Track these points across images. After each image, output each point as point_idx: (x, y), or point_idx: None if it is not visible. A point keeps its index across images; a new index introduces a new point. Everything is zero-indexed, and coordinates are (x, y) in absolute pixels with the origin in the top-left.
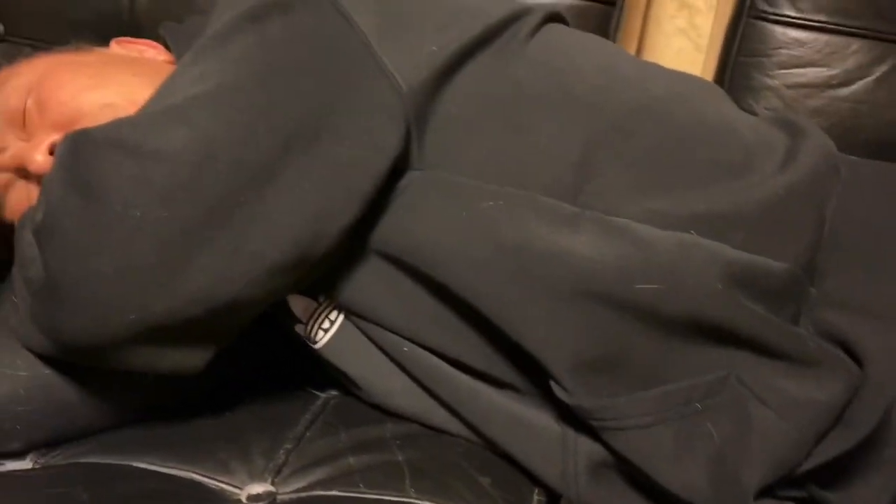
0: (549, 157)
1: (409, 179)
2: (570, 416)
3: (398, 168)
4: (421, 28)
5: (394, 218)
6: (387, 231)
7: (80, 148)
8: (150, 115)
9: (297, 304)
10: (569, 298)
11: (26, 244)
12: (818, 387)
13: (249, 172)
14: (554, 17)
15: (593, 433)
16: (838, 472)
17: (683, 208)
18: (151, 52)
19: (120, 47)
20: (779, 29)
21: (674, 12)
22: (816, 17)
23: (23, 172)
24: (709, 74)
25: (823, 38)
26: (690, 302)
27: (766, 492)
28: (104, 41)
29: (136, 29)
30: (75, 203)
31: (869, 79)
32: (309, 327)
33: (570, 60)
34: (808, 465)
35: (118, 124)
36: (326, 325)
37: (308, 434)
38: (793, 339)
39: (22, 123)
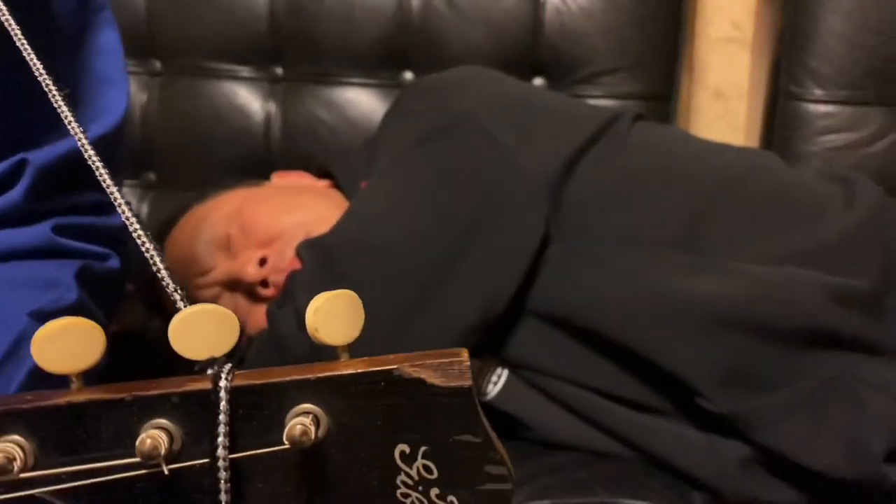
0: (664, 222)
1: (552, 252)
2: (714, 426)
3: (543, 244)
4: (546, 134)
5: (544, 284)
6: (540, 295)
7: (321, 252)
8: (364, 222)
9: None
10: (705, 327)
11: (288, 331)
12: None
13: (443, 257)
14: (639, 116)
15: (737, 436)
16: None
17: (780, 249)
18: (307, 180)
19: (281, 179)
20: (811, 106)
21: (710, 101)
22: (840, 94)
23: (230, 286)
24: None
25: (848, 109)
26: (803, 317)
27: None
28: (245, 178)
29: (272, 164)
30: None
31: (890, 139)
32: (479, 383)
33: (664, 146)
34: None
35: (342, 231)
36: (495, 378)
37: None
38: (886, 336)
39: (227, 246)
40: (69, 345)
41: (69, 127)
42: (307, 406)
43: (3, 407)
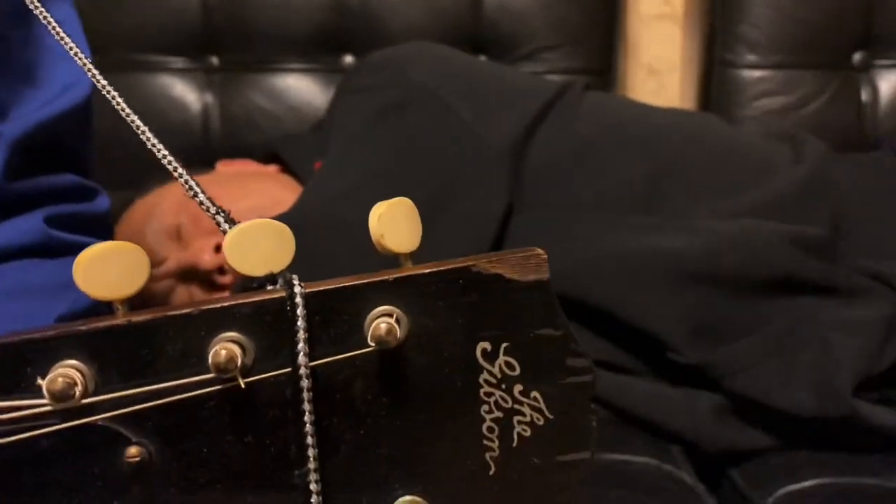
0: (623, 186)
1: (516, 222)
2: (685, 379)
3: (506, 214)
4: (502, 105)
5: None
6: None
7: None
8: (328, 199)
9: None
10: (671, 282)
11: None
12: (868, 308)
13: None
14: (588, 86)
15: (709, 386)
16: None
17: (736, 204)
18: (252, 166)
19: (227, 168)
20: (745, 72)
21: (645, 77)
22: (772, 59)
23: (185, 276)
24: None
25: (780, 73)
26: (766, 265)
27: (857, 395)
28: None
29: (213, 157)
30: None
31: (821, 100)
32: None
33: (615, 113)
34: (883, 366)
35: (306, 208)
36: None
37: None
38: (842, 278)
39: (177, 236)
40: (114, 269)
41: (76, 58)
42: (387, 307)
43: (58, 331)
